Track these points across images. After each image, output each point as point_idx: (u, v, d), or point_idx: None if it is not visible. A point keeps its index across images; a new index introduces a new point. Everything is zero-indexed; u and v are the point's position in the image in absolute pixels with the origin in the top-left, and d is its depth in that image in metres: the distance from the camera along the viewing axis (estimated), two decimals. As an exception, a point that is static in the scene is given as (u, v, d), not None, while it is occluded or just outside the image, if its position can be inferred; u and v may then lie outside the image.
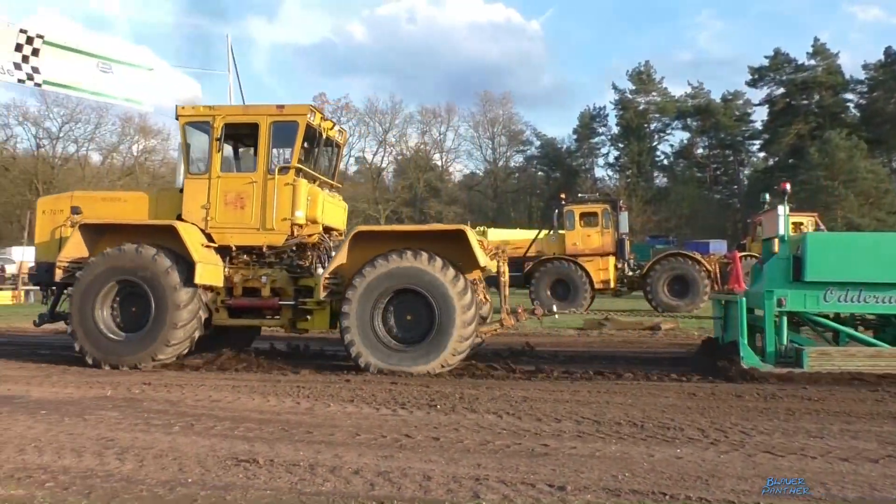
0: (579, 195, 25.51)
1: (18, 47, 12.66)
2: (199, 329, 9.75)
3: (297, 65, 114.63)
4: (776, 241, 9.08)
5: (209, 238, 9.95)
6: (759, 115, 68.01)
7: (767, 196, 9.27)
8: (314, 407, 6.96)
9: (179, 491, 4.41)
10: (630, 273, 21.97)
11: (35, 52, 12.84)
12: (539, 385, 8.14)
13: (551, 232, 22.76)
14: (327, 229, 10.64)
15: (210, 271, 9.66)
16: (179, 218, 10.01)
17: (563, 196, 23.44)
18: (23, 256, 30.71)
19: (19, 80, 12.89)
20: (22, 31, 12.84)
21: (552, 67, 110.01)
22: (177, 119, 10.22)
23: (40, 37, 12.96)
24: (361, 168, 79.23)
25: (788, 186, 9.38)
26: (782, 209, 9.21)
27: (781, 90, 65.27)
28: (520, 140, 77.48)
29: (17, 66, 12.74)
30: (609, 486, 4.46)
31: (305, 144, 10.24)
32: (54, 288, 10.33)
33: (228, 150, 10.70)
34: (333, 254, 9.85)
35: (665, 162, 73.63)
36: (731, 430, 5.91)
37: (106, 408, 6.89)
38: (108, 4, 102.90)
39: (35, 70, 12.91)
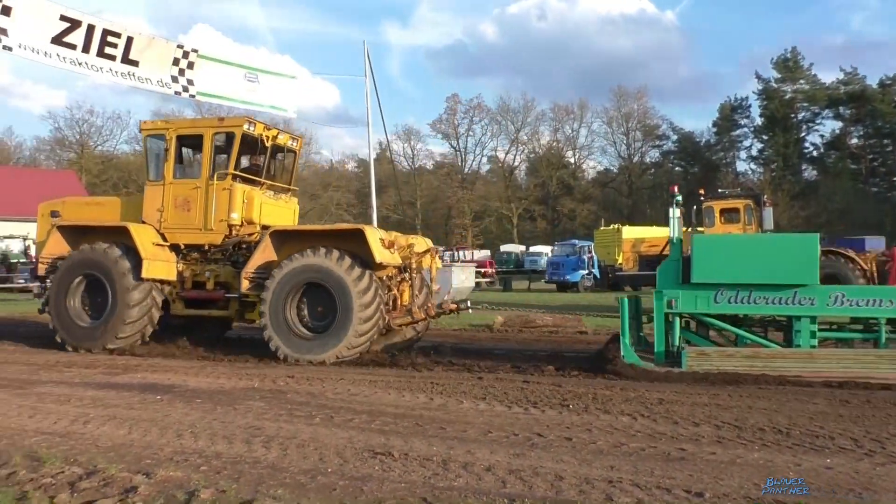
0: (719, 190, 24.37)
1: (175, 61, 13.68)
2: (153, 316, 10.75)
3: (430, 67, 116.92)
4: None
5: (163, 237, 11.01)
6: (923, 101, 62.49)
7: (679, 198, 9.18)
8: (447, 403, 7.07)
9: (320, 480, 4.61)
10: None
11: (190, 66, 13.82)
12: (675, 387, 7.86)
13: (689, 229, 21.97)
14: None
15: (158, 267, 10.67)
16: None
17: (702, 192, 22.59)
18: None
19: (176, 93, 13.95)
20: (179, 46, 13.86)
21: (689, 59, 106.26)
22: (140, 133, 11.62)
23: (195, 51, 13.94)
24: (494, 167, 79.67)
25: (677, 189, 9.40)
26: (672, 212, 9.16)
27: (949, 72, 59.74)
28: (655, 135, 75.36)
29: (175, 79, 13.76)
30: (750, 495, 4.26)
31: (250, 153, 11.25)
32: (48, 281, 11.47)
33: (182, 158, 11.64)
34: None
35: (814, 154, 69.37)
36: (889, 441, 5.50)
37: (254, 398, 7.31)
38: (254, 18, 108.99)
39: (190, 82, 13.91)
